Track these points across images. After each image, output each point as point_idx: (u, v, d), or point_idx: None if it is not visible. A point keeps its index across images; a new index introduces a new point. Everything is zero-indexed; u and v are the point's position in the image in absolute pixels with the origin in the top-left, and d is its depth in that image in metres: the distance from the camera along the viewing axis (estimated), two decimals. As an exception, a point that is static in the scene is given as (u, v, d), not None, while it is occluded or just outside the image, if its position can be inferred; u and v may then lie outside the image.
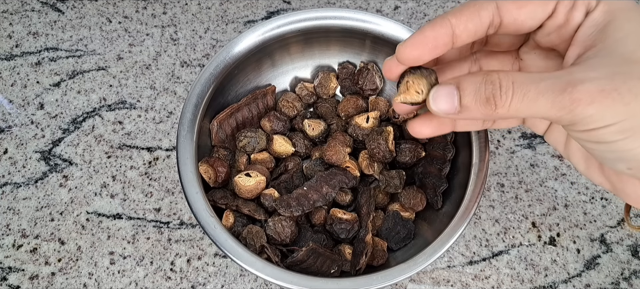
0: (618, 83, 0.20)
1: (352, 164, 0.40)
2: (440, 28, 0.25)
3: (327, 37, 0.42)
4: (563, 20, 0.24)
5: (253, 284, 0.42)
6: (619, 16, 0.23)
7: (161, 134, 0.47)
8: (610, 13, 0.23)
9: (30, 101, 0.48)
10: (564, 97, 0.21)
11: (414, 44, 0.25)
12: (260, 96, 0.42)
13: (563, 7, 0.24)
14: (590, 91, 0.20)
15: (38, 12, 0.53)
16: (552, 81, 0.21)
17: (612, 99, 0.20)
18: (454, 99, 0.24)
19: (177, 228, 0.43)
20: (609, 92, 0.20)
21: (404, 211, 0.40)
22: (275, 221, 0.37)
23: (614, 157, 0.23)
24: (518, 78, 0.22)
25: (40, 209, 0.44)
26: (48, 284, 0.41)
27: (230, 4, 0.54)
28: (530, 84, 0.22)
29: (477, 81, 0.23)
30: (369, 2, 0.54)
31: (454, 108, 0.24)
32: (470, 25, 0.25)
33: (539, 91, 0.21)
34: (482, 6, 0.24)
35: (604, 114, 0.21)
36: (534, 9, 0.24)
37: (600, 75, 0.21)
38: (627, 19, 0.22)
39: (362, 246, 0.36)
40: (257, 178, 0.38)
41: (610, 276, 0.42)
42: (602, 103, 0.21)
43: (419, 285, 0.42)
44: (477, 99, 0.23)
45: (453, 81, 0.24)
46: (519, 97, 0.22)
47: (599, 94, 0.20)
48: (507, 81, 0.22)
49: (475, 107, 0.23)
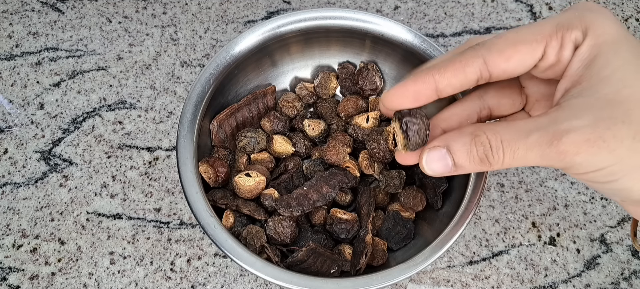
0: (602, 130, 0.21)
1: (352, 164, 0.40)
2: (422, 83, 0.25)
3: (327, 37, 0.42)
4: (554, 60, 0.24)
5: (253, 284, 0.42)
6: (605, 51, 0.22)
7: (161, 134, 0.47)
8: (597, 47, 0.23)
9: (30, 101, 0.48)
10: (552, 150, 0.21)
11: (396, 95, 0.26)
12: (260, 96, 0.42)
13: (552, 49, 0.24)
14: (575, 142, 0.21)
15: (38, 12, 0.53)
16: (539, 134, 0.22)
17: (598, 147, 0.21)
18: (447, 161, 0.25)
19: (177, 228, 0.43)
20: (594, 141, 0.21)
21: (404, 211, 0.40)
22: (275, 221, 0.37)
23: (609, 194, 0.24)
24: (506, 135, 0.23)
25: (40, 209, 0.44)
26: (48, 284, 0.41)
27: (230, 4, 0.54)
28: (519, 141, 0.22)
29: (466, 142, 0.24)
30: (369, 2, 0.54)
31: (449, 168, 0.25)
32: (455, 81, 0.25)
33: (528, 147, 0.22)
34: (468, 63, 0.24)
35: (592, 161, 0.21)
36: (523, 58, 0.24)
37: (584, 123, 0.21)
38: (614, 54, 0.22)
39: (362, 246, 0.36)
40: (257, 178, 0.38)
41: (610, 276, 0.42)
42: (588, 152, 0.21)
43: (419, 285, 0.42)
44: (470, 159, 0.24)
45: (441, 144, 0.25)
46: (509, 155, 0.23)
47: (584, 144, 0.21)
48: (496, 140, 0.23)
49: (470, 166, 0.24)
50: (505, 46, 0.24)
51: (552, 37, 0.24)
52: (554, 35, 0.24)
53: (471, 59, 0.24)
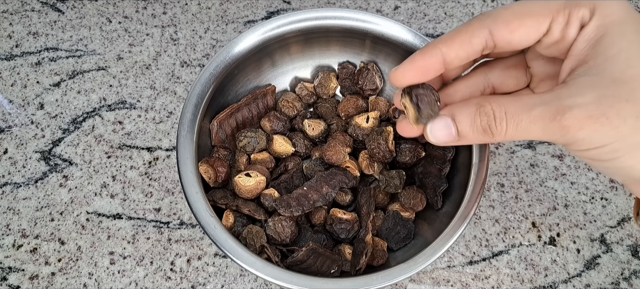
0: (606, 107, 0.21)
1: (352, 164, 0.40)
2: (430, 57, 0.25)
3: (327, 37, 0.42)
4: (559, 36, 0.24)
5: (253, 284, 0.42)
6: (612, 31, 0.22)
7: (161, 134, 0.47)
8: (603, 27, 0.23)
9: (30, 101, 0.48)
10: (554, 124, 0.22)
11: (405, 71, 0.26)
12: (260, 96, 0.42)
13: (557, 25, 0.24)
14: (578, 118, 0.21)
15: (38, 12, 0.53)
16: (542, 108, 0.22)
17: (601, 123, 0.21)
18: (451, 130, 0.25)
19: (177, 228, 0.43)
20: (597, 118, 0.21)
21: (404, 211, 0.40)
22: (275, 221, 0.37)
23: (610, 172, 0.24)
24: (510, 108, 0.23)
25: (40, 209, 0.44)
26: (48, 284, 0.41)
27: (230, 4, 0.54)
28: (522, 114, 0.22)
29: (471, 112, 0.24)
30: (369, 2, 0.54)
31: (453, 137, 0.25)
32: (462, 52, 0.25)
33: (531, 120, 0.22)
34: (474, 33, 0.25)
35: (594, 138, 0.21)
36: (528, 31, 0.24)
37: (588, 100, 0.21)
38: (620, 35, 0.22)
39: (362, 246, 0.36)
40: (257, 178, 0.38)
41: (610, 276, 0.42)
42: (591, 128, 0.21)
43: (419, 285, 0.42)
44: (474, 129, 0.24)
45: (447, 113, 0.25)
46: (512, 127, 0.23)
47: (587, 120, 0.21)
48: (500, 111, 0.23)
49: (473, 136, 0.25)
50: (512, 17, 0.24)
51: (560, 13, 0.24)
52: (561, 11, 0.24)
53: (477, 29, 0.25)
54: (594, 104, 0.21)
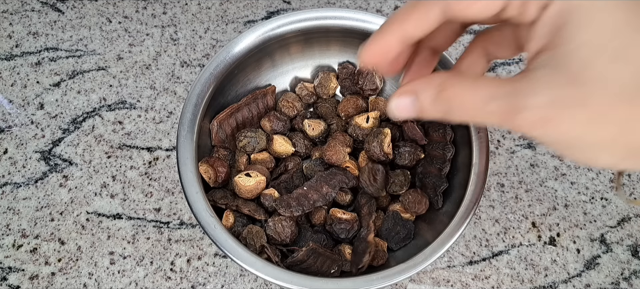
0: (559, 110, 0.21)
1: (352, 164, 0.40)
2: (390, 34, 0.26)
3: (327, 37, 0.42)
4: (516, 13, 0.23)
5: (253, 284, 0.42)
6: (573, 20, 0.21)
7: (161, 134, 0.47)
8: (566, 14, 0.21)
9: (30, 101, 0.48)
10: (508, 122, 0.22)
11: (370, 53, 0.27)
12: (260, 96, 0.42)
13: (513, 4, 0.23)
14: (531, 119, 0.21)
15: (38, 12, 0.53)
16: (498, 103, 0.22)
17: (553, 126, 0.21)
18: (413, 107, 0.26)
19: (177, 228, 0.43)
20: (549, 120, 0.21)
21: (405, 213, 0.40)
22: (275, 221, 0.37)
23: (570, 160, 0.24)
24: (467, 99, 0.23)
25: (40, 209, 0.44)
26: (48, 284, 0.41)
27: (230, 4, 0.54)
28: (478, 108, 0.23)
29: (432, 94, 0.24)
30: (369, 2, 0.54)
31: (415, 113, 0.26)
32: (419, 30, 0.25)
33: (486, 114, 0.23)
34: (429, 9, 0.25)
35: (546, 137, 0.22)
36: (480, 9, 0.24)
37: (541, 101, 0.21)
38: (582, 25, 0.21)
39: (365, 245, 0.36)
40: (257, 178, 0.38)
41: (610, 276, 0.42)
42: (542, 129, 0.21)
43: (419, 285, 0.42)
44: (434, 110, 0.25)
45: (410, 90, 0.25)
46: (468, 116, 0.23)
47: (539, 122, 0.21)
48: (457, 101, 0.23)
49: (433, 114, 0.25)
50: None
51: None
52: None
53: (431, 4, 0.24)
54: (548, 107, 0.21)
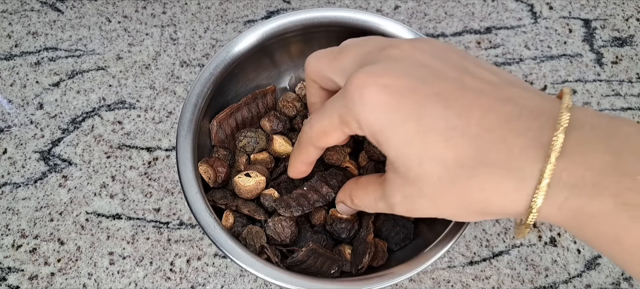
0: (410, 204, 0.27)
1: (352, 164, 0.40)
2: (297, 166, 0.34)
3: (328, 37, 0.42)
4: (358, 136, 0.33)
5: (253, 284, 0.42)
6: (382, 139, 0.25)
7: (161, 134, 0.47)
8: (375, 135, 0.26)
9: (30, 100, 0.48)
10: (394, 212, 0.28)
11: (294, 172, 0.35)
12: (260, 96, 0.42)
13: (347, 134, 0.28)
14: (402, 211, 0.28)
15: (37, 12, 0.53)
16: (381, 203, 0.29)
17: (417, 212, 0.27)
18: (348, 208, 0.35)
19: (177, 228, 0.43)
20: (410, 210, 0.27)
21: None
22: (275, 221, 0.37)
23: None
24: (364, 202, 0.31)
25: (40, 209, 0.44)
26: (47, 285, 0.41)
27: (230, 4, 0.54)
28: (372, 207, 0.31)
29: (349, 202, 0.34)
30: (369, 2, 0.54)
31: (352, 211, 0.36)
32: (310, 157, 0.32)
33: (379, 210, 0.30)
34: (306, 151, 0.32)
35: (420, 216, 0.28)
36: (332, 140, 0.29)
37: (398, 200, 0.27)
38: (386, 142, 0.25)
39: (365, 246, 0.36)
40: (256, 178, 0.37)
41: (611, 276, 0.42)
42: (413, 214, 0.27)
43: (419, 285, 0.42)
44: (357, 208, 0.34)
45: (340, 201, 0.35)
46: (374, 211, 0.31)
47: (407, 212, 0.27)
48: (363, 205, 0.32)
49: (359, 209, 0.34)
50: (318, 136, 0.29)
51: (343, 128, 0.27)
52: (342, 127, 0.27)
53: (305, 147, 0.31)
54: (403, 203, 0.27)
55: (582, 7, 0.54)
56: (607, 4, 0.55)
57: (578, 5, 0.54)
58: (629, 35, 0.53)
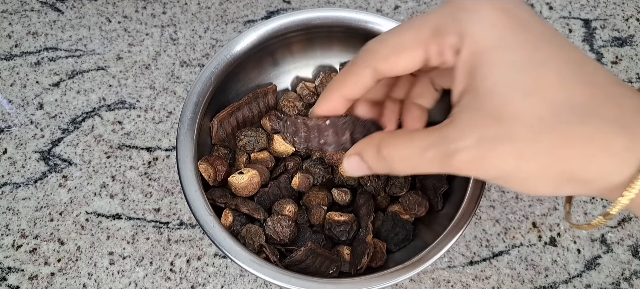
0: (487, 150, 0.22)
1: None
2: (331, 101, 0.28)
3: (329, 36, 0.42)
4: (438, 63, 0.24)
5: (253, 284, 0.42)
6: (485, 60, 0.22)
7: (161, 134, 0.47)
8: (476, 56, 0.22)
9: (30, 100, 0.48)
10: (446, 167, 0.23)
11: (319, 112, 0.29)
12: (261, 95, 0.42)
13: (432, 54, 0.24)
14: (464, 161, 0.22)
15: (37, 12, 0.53)
16: (433, 152, 0.23)
17: (485, 165, 0.22)
18: (362, 165, 0.27)
19: (177, 228, 0.43)
20: (480, 160, 0.22)
21: (404, 214, 0.39)
22: (274, 220, 0.37)
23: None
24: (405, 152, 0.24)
25: (40, 209, 0.44)
26: (47, 285, 0.41)
27: (230, 4, 0.54)
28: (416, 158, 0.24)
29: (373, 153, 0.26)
30: (369, 2, 0.54)
31: (366, 171, 0.27)
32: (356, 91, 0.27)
33: (425, 163, 0.24)
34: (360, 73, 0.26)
35: (483, 174, 0.23)
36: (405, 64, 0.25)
37: (470, 143, 0.22)
38: (492, 65, 0.22)
39: (363, 246, 0.36)
40: (249, 174, 0.37)
41: (611, 276, 0.42)
42: (477, 169, 0.22)
43: (419, 285, 0.42)
44: (379, 167, 0.26)
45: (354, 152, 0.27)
46: (409, 168, 0.25)
47: (472, 163, 0.22)
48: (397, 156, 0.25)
49: (378, 171, 0.27)
50: (388, 54, 0.25)
51: (430, 43, 0.24)
52: (430, 42, 0.24)
53: (362, 69, 0.26)
54: (476, 148, 0.22)
55: (582, 7, 0.54)
56: (607, 4, 0.55)
57: (578, 5, 0.54)
58: (629, 35, 0.53)
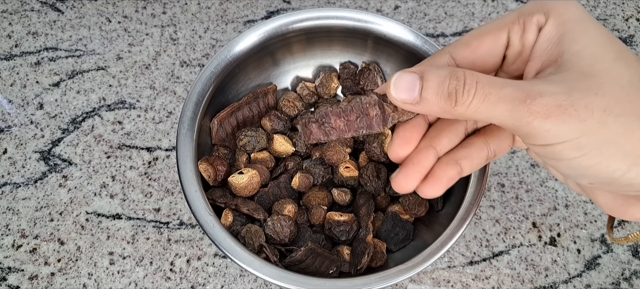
0: (575, 99, 0.21)
1: (352, 164, 0.40)
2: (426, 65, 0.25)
3: (329, 37, 0.42)
4: (519, 46, 0.24)
5: (253, 284, 0.41)
6: (573, 28, 0.22)
7: (161, 134, 0.47)
8: (563, 25, 0.23)
9: (30, 100, 0.48)
10: (523, 107, 0.21)
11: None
12: (261, 95, 0.42)
13: (515, 34, 0.24)
14: (547, 105, 0.21)
15: (37, 12, 0.53)
16: (514, 88, 0.21)
17: (569, 114, 0.21)
18: (415, 89, 0.23)
19: (177, 228, 0.43)
20: (565, 108, 0.21)
21: (404, 214, 0.39)
22: (274, 220, 0.37)
23: (574, 173, 0.23)
24: (482, 79, 0.22)
25: (40, 209, 0.44)
26: (47, 285, 0.41)
27: (230, 4, 0.54)
28: (493, 87, 0.22)
29: (442, 74, 0.23)
30: (369, 2, 0.54)
31: (414, 98, 0.23)
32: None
33: (500, 97, 0.21)
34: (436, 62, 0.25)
35: (560, 130, 0.21)
36: (488, 47, 0.25)
37: (558, 90, 0.21)
38: (582, 31, 0.22)
39: (364, 246, 0.36)
40: (249, 174, 0.37)
41: (611, 276, 0.42)
42: (558, 118, 0.21)
43: (419, 285, 0.42)
44: (439, 92, 0.23)
45: (417, 70, 0.23)
46: (480, 97, 0.22)
47: (556, 109, 0.21)
48: (471, 79, 0.22)
49: (435, 101, 0.23)
50: (470, 39, 0.25)
51: (514, 23, 0.24)
52: (515, 21, 0.24)
53: (438, 57, 0.25)
54: (564, 94, 0.21)
55: (583, 7, 0.54)
56: (607, 4, 0.55)
57: (578, 6, 0.54)
58: (629, 35, 0.53)
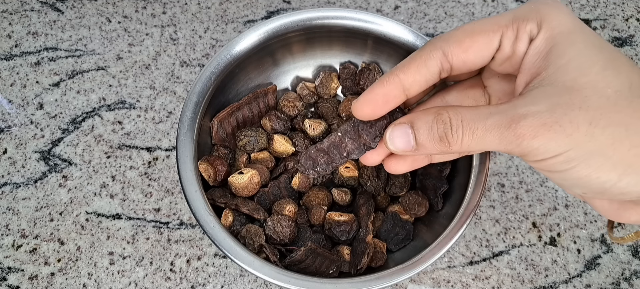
0: (559, 115, 0.21)
1: (352, 164, 0.40)
2: (388, 84, 0.26)
3: (329, 36, 0.42)
4: (510, 51, 0.25)
5: (253, 284, 0.41)
6: (561, 41, 0.23)
7: (161, 134, 0.47)
8: (552, 39, 0.23)
9: (30, 100, 0.48)
10: (509, 133, 0.22)
11: (366, 102, 0.26)
12: (261, 95, 0.42)
13: (507, 40, 0.24)
14: (532, 126, 0.21)
15: (37, 12, 0.53)
16: (498, 116, 0.22)
17: (555, 131, 0.21)
18: (409, 138, 0.25)
19: (177, 228, 0.43)
20: (550, 125, 0.21)
21: (404, 214, 0.39)
22: (274, 220, 0.37)
23: (568, 184, 0.24)
24: (466, 115, 0.23)
25: (40, 209, 0.44)
26: (47, 285, 0.41)
27: (230, 4, 0.54)
28: (478, 122, 0.23)
29: (429, 119, 0.24)
30: (369, 2, 0.54)
31: (411, 146, 0.25)
32: (419, 77, 0.25)
33: (486, 128, 0.22)
34: (428, 56, 0.25)
35: (549, 146, 0.21)
36: (480, 48, 0.25)
37: (541, 108, 0.21)
38: (569, 44, 0.23)
39: (364, 246, 0.36)
40: (249, 174, 0.37)
41: (611, 276, 0.42)
42: (545, 136, 0.21)
43: (419, 285, 0.42)
44: (431, 137, 0.24)
45: (406, 120, 0.25)
46: (468, 134, 0.23)
47: (541, 128, 0.21)
48: (456, 119, 0.23)
49: (430, 145, 0.24)
50: (463, 37, 0.25)
51: (508, 28, 0.24)
52: (509, 26, 0.24)
53: (431, 52, 0.25)
54: (548, 112, 0.21)
55: (582, 7, 0.54)
56: (607, 4, 0.55)
57: (578, 5, 0.54)
58: (629, 35, 0.53)
